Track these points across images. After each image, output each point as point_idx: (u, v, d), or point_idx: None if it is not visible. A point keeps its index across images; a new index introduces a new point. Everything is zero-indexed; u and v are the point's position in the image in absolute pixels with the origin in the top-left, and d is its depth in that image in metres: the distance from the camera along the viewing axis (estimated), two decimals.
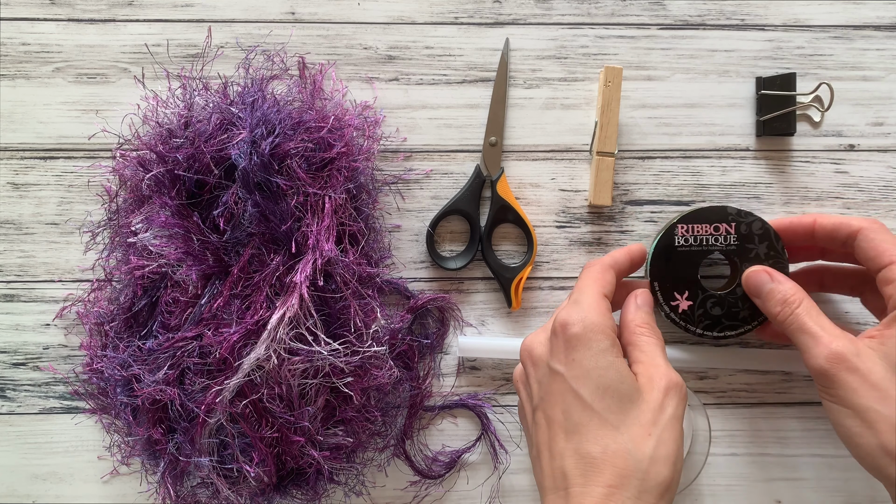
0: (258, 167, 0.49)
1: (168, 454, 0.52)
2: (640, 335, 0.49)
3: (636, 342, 0.48)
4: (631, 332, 0.49)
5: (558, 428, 0.45)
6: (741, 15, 0.58)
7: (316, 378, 0.50)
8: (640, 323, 0.50)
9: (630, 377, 0.45)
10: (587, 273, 0.50)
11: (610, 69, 0.55)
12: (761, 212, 0.58)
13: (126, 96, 0.57)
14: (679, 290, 0.54)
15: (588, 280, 0.50)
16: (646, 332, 0.49)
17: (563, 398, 0.45)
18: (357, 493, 0.57)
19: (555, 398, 0.46)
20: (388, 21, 0.58)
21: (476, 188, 0.57)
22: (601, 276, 0.50)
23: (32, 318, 0.57)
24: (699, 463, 0.55)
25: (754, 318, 0.54)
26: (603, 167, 0.56)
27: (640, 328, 0.49)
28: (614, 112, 0.55)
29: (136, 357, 0.52)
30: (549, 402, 0.46)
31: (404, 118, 0.58)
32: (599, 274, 0.50)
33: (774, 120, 0.57)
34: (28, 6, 0.57)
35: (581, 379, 0.45)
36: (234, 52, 0.57)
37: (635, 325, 0.49)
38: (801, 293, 0.49)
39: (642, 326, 0.49)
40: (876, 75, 0.58)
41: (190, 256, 0.51)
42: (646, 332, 0.49)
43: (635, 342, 0.48)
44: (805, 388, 0.58)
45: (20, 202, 0.57)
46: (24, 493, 0.57)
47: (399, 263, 0.58)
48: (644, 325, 0.49)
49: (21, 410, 0.57)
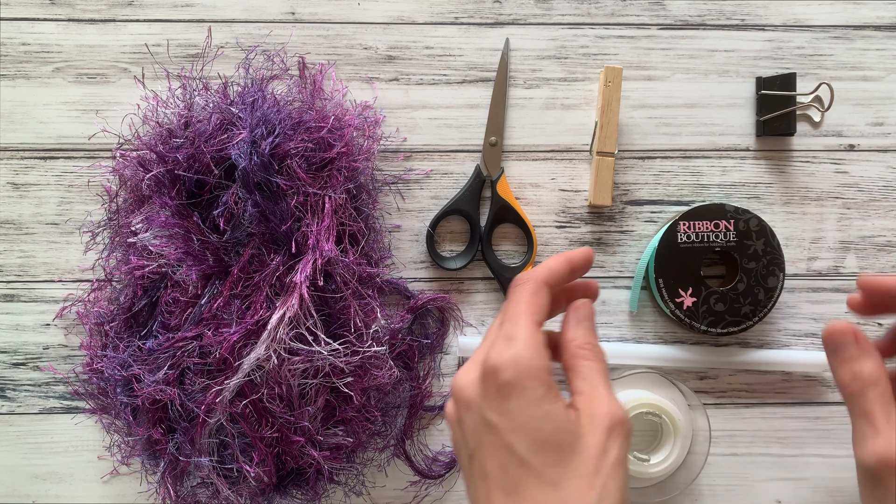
0: (258, 167, 0.49)
1: (168, 454, 0.52)
2: (581, 359, 0.44)
3: (577, 368, 0.44)
4: (572, 355, 0.44)
5: (495, 485, 0.41)
6: (741, 15, 0.58)
7: (316, 378, 0.50)
8: (582, 343, 0.44)
9: (568, 423, 0.41)
10: (518, 296, 0.44)
11: (610, 69, 0.55)
12: (761, 211, 0.58)
13: (126, 96, 0.57)
14: (683, 287, 0.54)
15: (520, 306, 0.44)
16: (588, 356, 0.44)
17: (499, 452, 0.41)
18: (357, 493, 0.57)
19: (490, 450, 0.41)
20: (388, 21, 0.58)
21: (476, 188, 0.57)
22: (533, 300, 0.44)
23: (32, 318, 0.57)
24: (699, 463, 0.55)
25: (756, 314, 0.54)
26: (603, 167, 0.56)
27: (581, 350, 0.44)
28: (614, 112, 0.55)
29: (136, 357, 0.52)
30: (484, 453, 0.42)
31: (404, 118, 0.58)
32: (531, 297, 0.44)
33: (774, 120, 0.57)
34: (28, 6, 0.57)
35: (516, 432, 0.41)
36: (234, 52, 0.57)
37: (576, 346, 0.44)
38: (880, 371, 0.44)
39: (583, 348, 0.44)
40: (876, 75, 0.58)
41: (190, 256, 0.51)
42: (588, 354, 0.44)
43: (576, 368, 0.44)
44: (805, 388, 0.59)
45: (20, 202, 0.57)
46: (24, 493, 0.57)
47: (399, 263, 0.58)
48: (586, 345, 0.44)
49: (21, 410, 0.57)
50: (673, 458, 0.54)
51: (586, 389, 0.42)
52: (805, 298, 0.58)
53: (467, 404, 0.43)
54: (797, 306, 0.58)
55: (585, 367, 0.44)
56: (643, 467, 0.54)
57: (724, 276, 0.58)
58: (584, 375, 0.43)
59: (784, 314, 0.58)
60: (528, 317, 0.43)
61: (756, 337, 0.58)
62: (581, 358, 0.44)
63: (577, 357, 0.44)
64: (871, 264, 0.58)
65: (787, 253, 0.58)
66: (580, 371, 0.43)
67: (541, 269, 0.45)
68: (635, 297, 0.57)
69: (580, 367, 0.44)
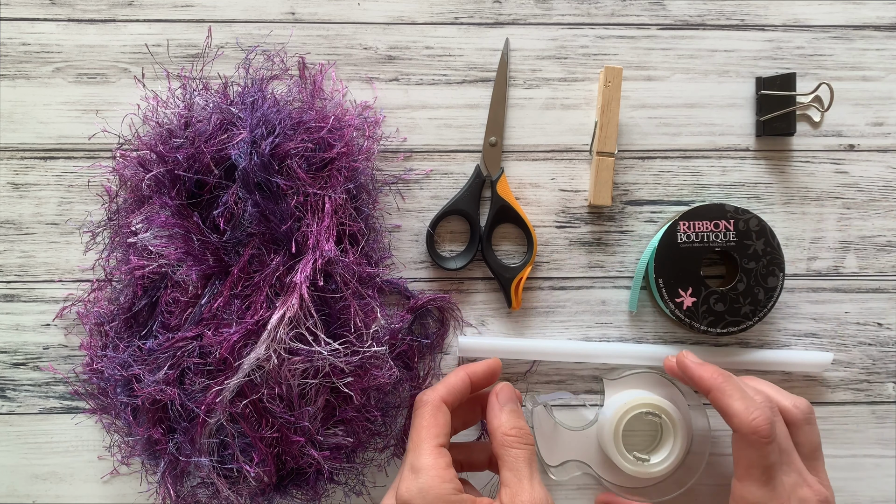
0: (258, 167, 0.49)
1: (168, 454, 0.52)
2: (508, 447, 0.47)
3: (504, 458, 0.46)
4: (499, 444, 0.47)
5: None
6: (741, 15, 0.58)
7: (316, 378, 0.50)
8: (507, 430, 0.47)
9: None
10: (418, 421, 0.48)
11: (610, 69, 0.55)
12: (761, 212, 0.58)
13: (126, 96, 0.57)
14: (683, 287, 0.54)
15: (421, 433, 0.47)
16: (514, 443, 0.47)
17: None
18: (357, 493, 0.57)
19: None
20: (388, 21, 0.58)
21: (476, 188, 0.57)
22: (433, 422, 0.47)
23: (32, 318, 0.57)
24: (699, 463, 0.55)
25: (756, 314, 0.54)
26: (603, 167, 0.56)
27: (507, 437, 0.47)
28: (614, 112, 0.55)
29: (136, 357, 0.52)
30: None
31: (404, 118, 0.58)
32: (431, 419, 0.47)
33: (774, 120, 0.57)
34: (28, 6, 0.57)
35: None
36: (234, 52, 0.57)
37: (502, 433, 0.47)
38: None
39: (509, 434, 0.47)
40: (876, 75, 0.58)
41: (190, 256, 0.51)
42: (514, 442, 0.47)
43: (504, 458, 0.46)
44: (805, 389, 0.59)
45: (20, 202, 0.57)
46: (24, 493, 0.57)
47: (399, 263, 0.58)
48: (511, 431, 0.47)
49: (21, 410, 0.57)
50: (673, 458, 0.54)
51: (512, 481, 0.46)
52: (805, 298, 0.58)
53: None
54: (797, 306, 0.58)
55: (512, 456, 0.47)
56: (643, 467, 0.54)
57: (723, 276, 0.58)
58: (510, 465, 0.46)
59: (784, 314, 0.58)
60: (429, 441, 0.46)
61: (756, 337, 0.58)
62: (507, 447, 0.47)
63: (503, 446, 0.47)
64: (870, 264, 0.58)
65: (787, 253, 0.58)
66: (507, 461, 0.46)
67: (439, 388, 0.49)
68: (635, 298, 0.57)
69: (507, 457, 0.47)
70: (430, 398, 0.48)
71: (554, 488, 0.58)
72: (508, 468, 0.46)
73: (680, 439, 0.54)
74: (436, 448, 0.46)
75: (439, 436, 0.47)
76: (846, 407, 0.59)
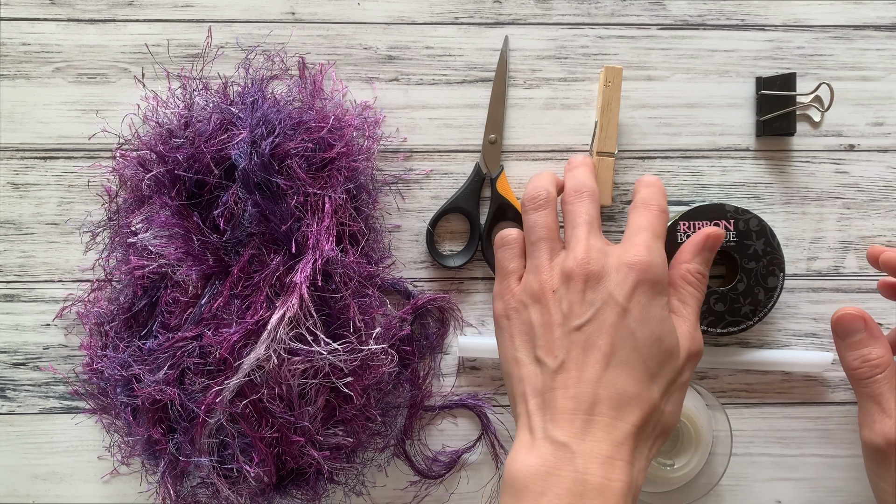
0: (258, 167, 0.49)
1: (168, 454, 0.52)
2: (686, 286, 0.49)
3: (682, 292, 0.49)
4: (680, 276, 0.49)
5: (600, 355, 0.45)
6: (741, 15, 0.58)
7: (316, 378, 0.50)
8: (694, 271, 0.49)
9: (675, 335, 0.46)
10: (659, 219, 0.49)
11: (610, 69, 0.55)
12: (761, 212, 0.58)
13: (126, 96, 0.57)
14: None
15: (661, 227, 0.49)
16: (694, 284, 0.49)
17: (617, 331, 0.45)
18: (357, 493, 0.57)
19: (606, 328, 0.45)
20: (388, 21, 0.58)
21: (476, 186, 0.57)
22: (665, 224, 0.49)
23: (32, 318, 0.57)
24: (722, 464, 0.55)
25: (756, 314, 0.54)
26: (603, 167, 0.56)
27: (689, 276, 0.49)
28: (614, 112, 0.55)
29: (136, 357, 0.52)
30: (596, 327, 0.46)
31: (404, 118, 0.58)
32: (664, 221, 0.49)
33: (774, 120, 0.57)
34: (28, 6, 0.57)
35: (641, 322, 0.45)
36: (234, 52, 0.57)
37: (686, 269, 0.49)
38: (889, 357, 0.48)
39: (693, 275, 0.49)
40: (876, 75, 0.58)
41: (190, 256, 0.51)
42: (695, 283, 0.49)
43: (681, 291, 0.49)
44: (805, 388, 0.59)
45: (20, 202, 0.57)
46: (24, 493, 0.57)
47: (399, 263, 0.58)
48: (696, 273, 0.49)
49: (21, 410, 0.57)
50: (695, 461, 0.54)
51: (684, 314, 0.48)
52: (805, 298, 0.58)
53: (599, 278, 0.47)
54: (797, 306, 0.58)
55: (688, 294, 0.49)
56: (667, 472, 0.54)
57: (724, 276, 0.58)
58: (685, 301, 0.49)
59: (784, 314, 0.58)
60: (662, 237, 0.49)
61: (756, 337, 0.58)
62: (687, 285, 0.49)
63: (684, 281, 0.49)
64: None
65: (787, 253, 0.58)
66: (683, 296, 0.49)
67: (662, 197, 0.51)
68: None
69: (684, 293, 0.49)
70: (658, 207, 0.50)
71: None
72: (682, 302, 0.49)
73: (701, 442, 0.54)
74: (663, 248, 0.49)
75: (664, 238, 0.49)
76: (846, 407, 0.59)
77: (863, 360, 0.48)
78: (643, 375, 0.45)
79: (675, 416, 0.46)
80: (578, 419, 0.44)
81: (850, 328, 0.49)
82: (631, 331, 0.45)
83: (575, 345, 0.46)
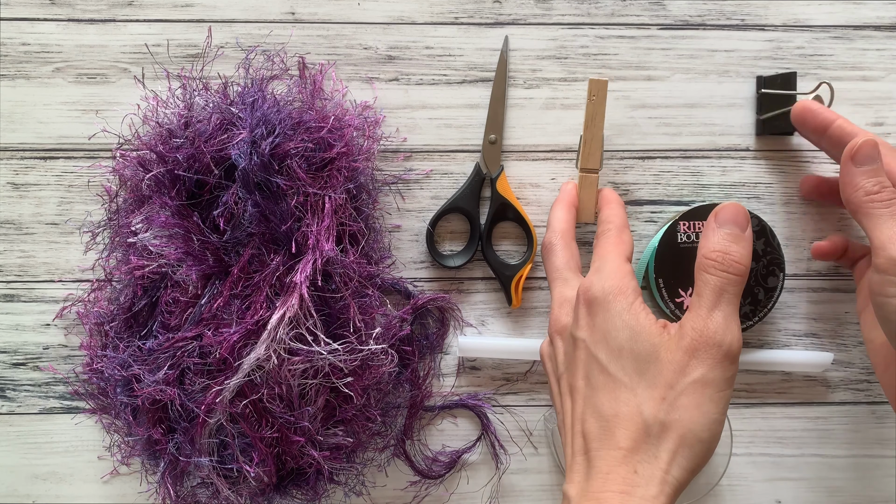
0: (258, 167, 0.49)
1: (168, 454, 0.52)
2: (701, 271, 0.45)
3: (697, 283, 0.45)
4: (697, 267, 0.45)
5: (579, 395, 0.45)
6: (741, 15, 0.58)
7: (316, 378, 0.50)
8: (707, 253, 0.44)
9: (647, 335, 0.43)
10: (606, 238, 0.50)
11: (594, 82, 0.53)
12: (761, 212, 0.58)
13: (126, 96, 0.57)
14: (683, 288, 0.54)
15: (608, 246, 0.49)
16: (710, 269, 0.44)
17: (585, 365, 0.45)
18: (357, 493, 0.57)
19: (577, 366, 0.46)
20: (388, 21, 0.58)
21: (476, 186, 0.57)
22: (619, 240, 0.49)
23: (32, 318, 0.57)
24: (722, 464, 0.55)
25: (756, 314, 0.54)
26: (586, 185, 0.55)
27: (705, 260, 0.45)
28: (598, 127, 0.54)
29: (136, 357, 0.52)
30: (571, 370, 0.46)
31: (404, 118, 0.58)
32: (617, 238, 0.49)
33: (774, 119, 0.57)
34: (28, 6, 0.57)
35: (599, 343, 0.45)
36: (234, 52, 0.57)
37: (703, 256, 0.45)
38: None
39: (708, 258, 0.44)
40: (876, 75, 0.58)
41: (190, 256, 0.51)
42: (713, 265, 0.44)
43: (697, 282, 0.45)
44: (805, 388, 0.59)
45: (20, 202, 0.57)
46: (24, 493, 0.57)
47: (399, 263, 0.58)
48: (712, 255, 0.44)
49: (21, 410, 0.57)
50: None
51: (698, 305, 0.44)
52: (805, 298, 0.58)
53: (560, 331, 0.48)
54: (797, 306, 0.58)
55: (702, 280, 0.45)
56: None
57: None
58: (698, 289, 0.45)
59: (784, 314, 0.58)
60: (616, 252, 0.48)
61: (756, 337, 0.58)
62: (701, 269, 0.45)
63: (699, 268, 0.45)
64: None
65: (787, 253, 0.58)
66: (697, 284, 0.45)
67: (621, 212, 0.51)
68: None
69: (697, 280, 0.45)
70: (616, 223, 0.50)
71: None
72: (696, 292, 0.44)
73: None
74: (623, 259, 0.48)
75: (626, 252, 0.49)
76: (846, 407, 0.59)
77: (882, 185, 0.45)
78: (618, 390, 0.43)
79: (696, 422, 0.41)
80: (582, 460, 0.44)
81: (870, 155, 0.46)
82: (593, 355, 0.45)
83: (563, 395, 0.47)
